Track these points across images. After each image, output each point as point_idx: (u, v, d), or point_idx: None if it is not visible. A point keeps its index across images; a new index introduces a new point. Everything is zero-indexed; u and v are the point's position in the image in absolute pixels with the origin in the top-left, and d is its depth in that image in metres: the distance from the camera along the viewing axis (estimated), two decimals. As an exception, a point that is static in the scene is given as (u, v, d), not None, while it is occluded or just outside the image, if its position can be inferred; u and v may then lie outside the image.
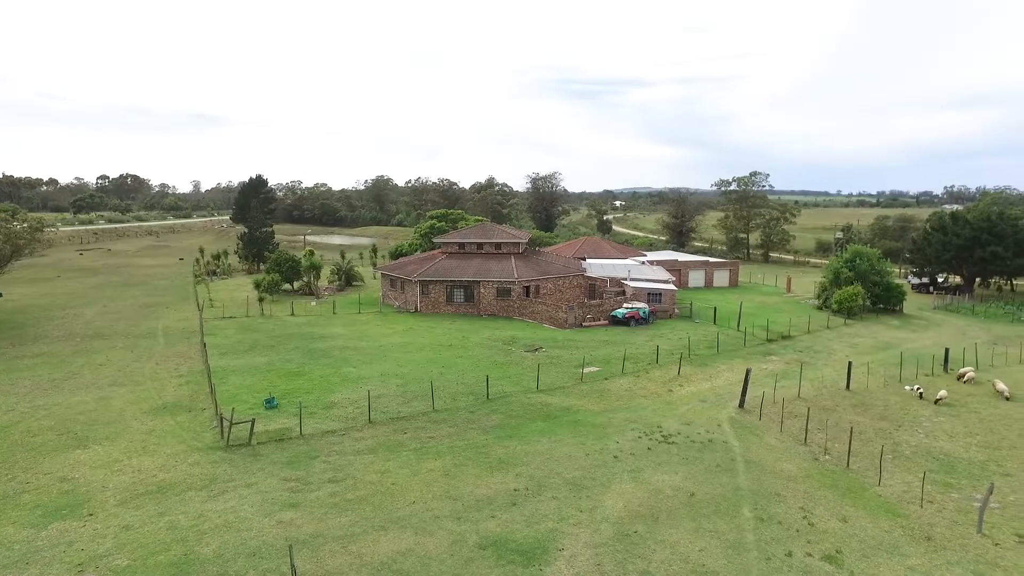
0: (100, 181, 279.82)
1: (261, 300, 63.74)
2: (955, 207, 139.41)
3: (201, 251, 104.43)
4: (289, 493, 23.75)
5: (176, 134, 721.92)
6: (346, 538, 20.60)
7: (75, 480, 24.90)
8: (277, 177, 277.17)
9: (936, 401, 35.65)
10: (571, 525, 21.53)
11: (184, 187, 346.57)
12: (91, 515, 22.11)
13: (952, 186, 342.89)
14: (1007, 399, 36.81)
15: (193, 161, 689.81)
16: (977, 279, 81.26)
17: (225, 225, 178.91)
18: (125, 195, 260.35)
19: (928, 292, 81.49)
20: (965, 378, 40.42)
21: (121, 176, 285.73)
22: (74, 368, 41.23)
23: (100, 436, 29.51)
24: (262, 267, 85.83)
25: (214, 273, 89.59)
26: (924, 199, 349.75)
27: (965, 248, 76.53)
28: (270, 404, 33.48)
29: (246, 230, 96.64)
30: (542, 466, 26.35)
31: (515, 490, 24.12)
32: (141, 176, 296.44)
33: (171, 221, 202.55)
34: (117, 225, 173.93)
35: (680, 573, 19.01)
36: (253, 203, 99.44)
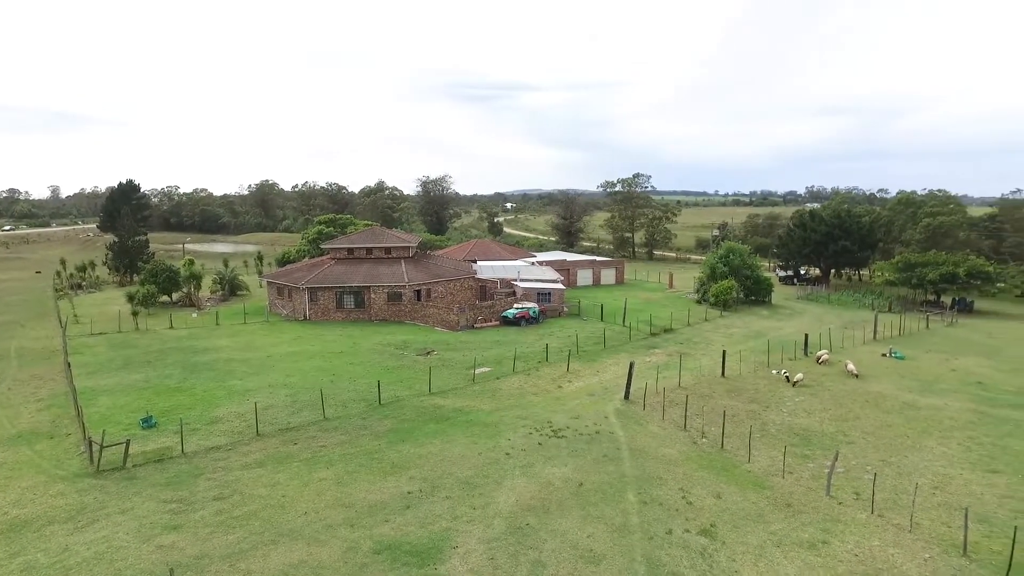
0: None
1: (135, 314, 59.54)
2: (814, 205, 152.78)
3: (63, 263, 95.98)
4: (170, 515, 22.61)
5: (29, 134, 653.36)
6: (233, 556, 19.94)
7: (-98, 528, 22.14)
8: (151, 182, 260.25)
9: (794, 383, 39.16)
10: (464, 523, 21.96)
11: (40, 193, 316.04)
12: (-78, 566, 19.90)
13: (813, 186, 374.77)
14: (855, 377, 41.08)
15: (51, 164, 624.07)
16: (832, 270, 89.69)
17: (92, 234, 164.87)
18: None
19: (793, 283, 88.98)
20: (821, 360, 44.66)
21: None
22: (-91, 398, 36.85)
23: (-60, 472, 26.60)
24: (136, 278, 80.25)
25: (79, 287, 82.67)
26: (790, 198, 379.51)
27: (821, 243, 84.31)
28: (147, 423, 31.56)
29: (116, 239, 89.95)
30: (435, 467, 26.63)
31: (409, 493, 24.25)
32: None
33: (25, 230, 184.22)
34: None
35: (570, 559, 19.91)
36: (124, 210, 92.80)
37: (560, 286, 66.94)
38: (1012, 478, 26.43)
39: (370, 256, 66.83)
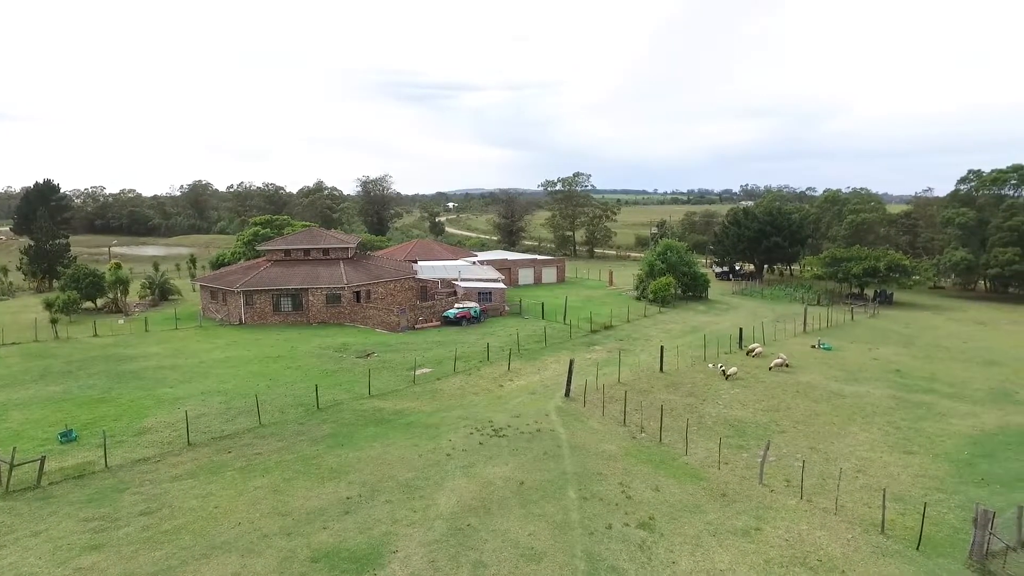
0: None
1: (54, 322, 56.35)
2: (748, 204, 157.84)
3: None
4: (91, 534, 21.43)
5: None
6: (161, 573, 19.06)
7: None
8: (73, 182, 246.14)
9: (727, 377, 40.32)
10: (405, 526, 21.68)
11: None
12: None
13: (747, 185, 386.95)
14: (786, 366, 42.63)
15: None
16: (765, 266, 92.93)
17: (4, 237, 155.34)
18: None
19: (728, 279, 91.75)
20: (754, 353, 46.15)
21: None
22: None
23: None
24: (55, 284, 75.97)
25: (-9, 294, 77.68)
26: (726, 196, 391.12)
27: (754, 239, 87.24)
28: (66, 437, 29.90)
29: (32, 243, 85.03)
30: (375, 471, 26.21)
31: (348, 498, 23.78)
32: None
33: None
34: None
35: (511, 558, 19.90)
36: (41, 211, 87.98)
37: (501, 285, 67.03)
38: (924, 458, 28.12)
39: (308, 258, 65.39)
